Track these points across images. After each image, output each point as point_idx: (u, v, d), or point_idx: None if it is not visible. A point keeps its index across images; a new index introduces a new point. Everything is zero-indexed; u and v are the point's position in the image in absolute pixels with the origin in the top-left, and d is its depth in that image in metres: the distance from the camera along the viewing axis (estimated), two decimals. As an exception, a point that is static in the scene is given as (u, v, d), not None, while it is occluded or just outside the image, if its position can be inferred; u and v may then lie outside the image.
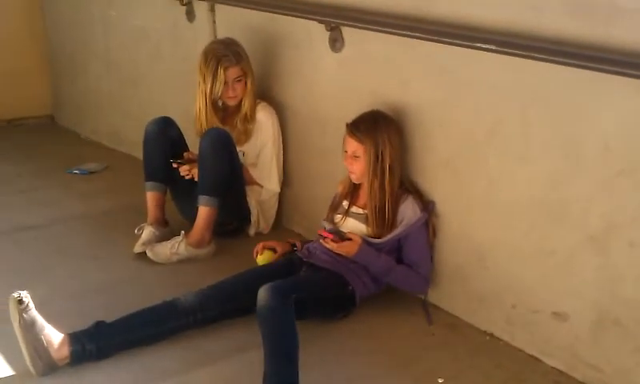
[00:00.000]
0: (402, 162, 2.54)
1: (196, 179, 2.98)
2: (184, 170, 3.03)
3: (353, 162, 2.50)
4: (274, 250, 2.74)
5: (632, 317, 2.03)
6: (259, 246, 2.75)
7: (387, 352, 2.32)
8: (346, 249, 2.40)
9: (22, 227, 3.23)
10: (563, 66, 2.00)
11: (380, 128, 2.46)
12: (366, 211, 2.55)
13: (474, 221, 2.45)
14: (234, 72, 3.01)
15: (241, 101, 3.10)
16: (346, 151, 2.52)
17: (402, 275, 2.49)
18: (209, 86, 3.01)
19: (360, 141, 2.45)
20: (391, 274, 2.47)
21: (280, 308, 2.09)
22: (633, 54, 1.84)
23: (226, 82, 3.01)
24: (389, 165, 2.46)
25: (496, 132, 2.31)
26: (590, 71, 1.94)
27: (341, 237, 2.45)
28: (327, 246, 2.42)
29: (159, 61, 4.09)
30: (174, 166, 3.04)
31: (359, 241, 2.41)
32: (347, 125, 2.50)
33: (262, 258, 2.70)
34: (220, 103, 3.17)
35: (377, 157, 2.44)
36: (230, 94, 3.05)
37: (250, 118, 3.12)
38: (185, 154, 3.14)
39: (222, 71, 2.98)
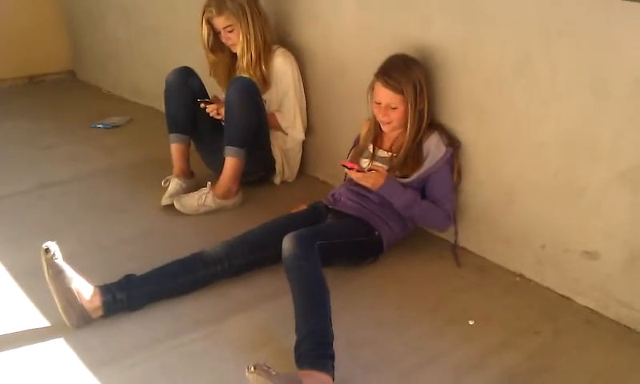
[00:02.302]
0: (430, 104, 2.49)
1: (223, 119, 2.97)
2: (211, 109, 3.01)
3: (389, 112, 2.44)
4: None
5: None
6: None
7: (417, 295, 2.32)
8: (372, 180, 2.36)
9: (48, 183, 3.26)
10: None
11: (413, 73, 2.40)
12: (391, 154, 2.52)
13: (500, 161, 2.41)
14: (219, 22, 2.98)
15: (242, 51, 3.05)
16: (378, 102, 2.45)
17: (425, 209, 2.46)
18: (200, 33, 3.06)
19: (397, 91, 2.38)
20: (415, 207, 2.43)
21: (305, 256, 2.08)
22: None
23: (217, 32, 3.02)
24: (426, 106, 2.43)
25: (522, 69, 2.25)
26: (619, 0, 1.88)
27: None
28: (352, 175, 2.36)
29: (177, 9, 4.03)
30: (202, 106, 3.02)
31: (385, 172, 2.38)
32: (378, 75, 2.43)
33: None
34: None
35: (415, 105, 2.40)
36: (227, 41, 3.05)
37: (266, 62, 3.06)
38: (212, 96, 3.14)
39: (204, 22, 3.01)
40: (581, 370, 1.94)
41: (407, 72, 2.39)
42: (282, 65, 3.10)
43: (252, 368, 1.68)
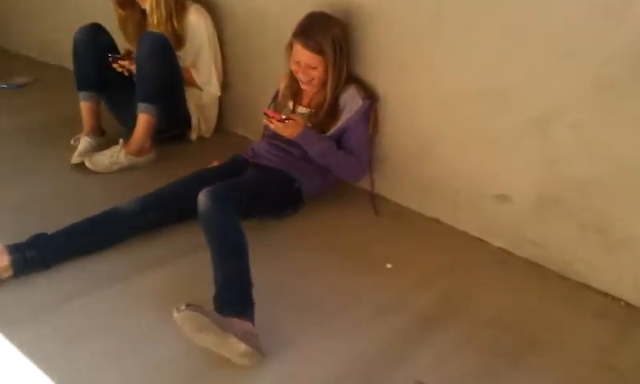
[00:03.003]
0: (349, 59, 2.48)
1: (133, 73, 2.88)
2: (120, 66, 2.92)
3: (309, 71, 2.41)
4: None
5: (572, 195, 2.09)
6: None
7: (336, 244, 2.34)
8: (290, 129, 2.33)
9: (-51, 145, 3.08)
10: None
11: (332, 32, 2.37)
12: (310, 109, 2.51)
13: (418, 112, 2.44)
14: None
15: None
16: (297, 62, 2.41)
17: (341, 159, 2.47)
18: None
19: (316, 51, 2.36)
20: (330, 156, 2.44)
21: (220, 209, 2.05)
22: None
23: None
24: (342, 66, 2.41)
25: (437, 21, 2.27)
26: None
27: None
28: (272, 125, 2.34)
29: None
30: (110, 60, 2.92)
31: (301, 122, 2.36)
32: (296, 35, 2.38)
33: None
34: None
35: (334, 64, 2.39)
36: None
37: (178, 18, 2.96)
38: (125, 50, 3.03)
39: None
40: (492, 306, 2.01)
41: (326, 31, 2.37)
42: (195, 21, 3.02)
43: (183, 306, 1.64)
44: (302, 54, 2.38)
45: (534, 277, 2.17)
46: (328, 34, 2.36)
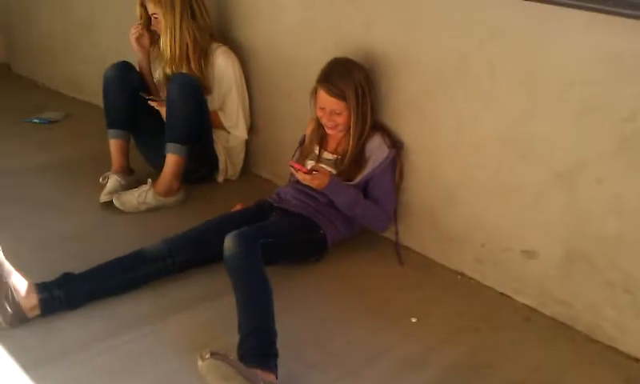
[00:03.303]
0: (373, 106, 2.51)
1: (164, 116, 2.92)
2: (155, 103, 2.96)
3: (334, 117, 2.45)
4: None
5: (599, 252, 2.07)
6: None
7: (360, 294, 2.33)
8: (318, 180, 2.34)
9: (-20, 180, 3.13)
10: (522, 0, 2.00)
11: (355, 78, 2.40)
12: (336, 156, 2.53)
13: (442, 161, 2.45)
14: (149, 7, 2.98)
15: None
16: (322, 108, 2.45)
17: (367, 209, 2.47)
18: None
19: (339, 97, 2.39)
20: (358, 206, 2.44)
21: (246, 255, 2.06)
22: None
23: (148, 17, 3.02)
24: (366, 112, 2.44)
25: (462, 71, 2.29)
26: (549, 5, 1.94)
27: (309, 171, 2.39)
28: (299, 177, 2.36)
29: (113, 4, 3.94)
30: (144, 96, 2.96)
31: (328, 173, 2.38)
32: (320, 81, 2.43)
33: None
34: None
35: (358, 109, 2.41)
36: (156, 29, 3.03)
37: (179, 63, 3.00)
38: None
39: (139, 3, 3.02)
40: (519, 366, 1.98)
41: (348, 77, 2.40)
42: (223, 63, 3.06)
43: (207, 355, 1.65)
44: (326, 100, 2.42)
45: (562, 337, 2.14)
46: (350, 80, 2.39)
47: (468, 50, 2.24)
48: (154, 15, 2.96)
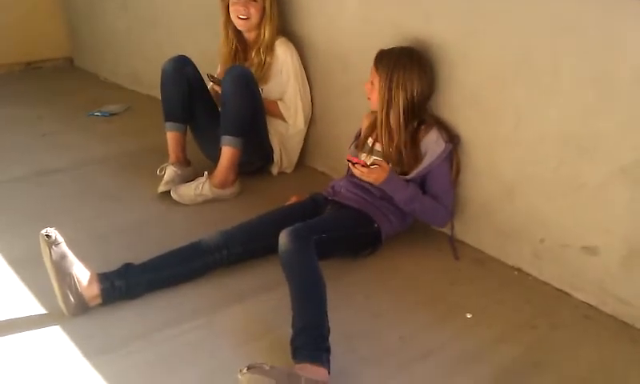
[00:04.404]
0: (425, 101, 2.48)
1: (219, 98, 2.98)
2: (213, 88, 3.01)
3: (370, 88, 2.50)
4: None
5: (664, 250, 2.00)
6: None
7: (414, 288, 2.31)
8: (375, 175, 2.33)
9: (44, 171, 3.24)
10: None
11: (400, 63, 2.40)
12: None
13: (501, 156, 2.41)
14: None
15: (258, 29, 3.05)
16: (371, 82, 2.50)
17: (426, 205, 2.45)
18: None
19: (376, 69, 2.45)
20: (416, 202, 2.43)
21: (300, 251, 2.07)
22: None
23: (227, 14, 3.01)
24: (405, 101, 2.41)
25: (524, 65, 2.24)
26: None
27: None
28: (357, 172, 2.33)
29: (174, 1, 4.02)
30: (210, 80, 3.02)
31: (387, 167, 2.37)
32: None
33: None
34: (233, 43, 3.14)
35: (388, 89, 2.41)
36: (242, 12, 3.00)
37: (269, 50, 3.05)
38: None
39: None
40: (578, 365, 1.94)
41: (395, 59, 2.42)
42: (283, 54, 3.09)
43: (245, 370, 1.67)
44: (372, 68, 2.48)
45: (622, 337, 2.08)
46: (397, 60, 2.42)
47: (532, 44, 2.19)
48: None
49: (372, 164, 2.34)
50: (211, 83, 3.06)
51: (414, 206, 2.44)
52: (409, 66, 2.41)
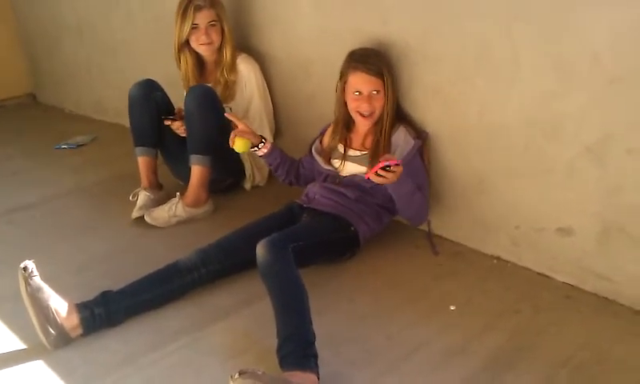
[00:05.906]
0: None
1: (181, 133, 2.95)
2: (176, 126, 2.98)
3: (372, 100, 2.41)
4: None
5: (636, 223, 2.03)
6: (232, 136, 2.61)
7: (397, 287, 2.32)
8: (393, 175, 2.18)
9: (17, 208, 3.19)
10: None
11: (386, 59, 2.45)
12: (363, 152, 2.51)
13: (469, 147, 2.43)
14: (206, 15, 2.94)
15: (219, 51, 3.04)
16: (358, 92, 2.41)
17: (421, 197, 2.40)
18: (178, 28, 2.96)
19: (379, 75, 2.39)
20: (415, 193, 2.36)
21: (278, 261, 2.05)
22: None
23: (198, 27, 2.95)
24: (395, 96, 2.45)
25: (483, 56, 2.26)
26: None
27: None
28: (376, 180, 2.17)
29: (131, 25, 4.00)
30: (166, 123, 2.99)
31: (400, 161, 2.23)
32: (354, 64, 2.41)
33: (238, 146, 2.61)
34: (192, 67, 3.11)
35: (394, 87, 2.43)
36: (204, 39, 2.96)
37: (231, 70, 3.05)
38: (177, 108, 3.10)
39: (191, 11, 2.92)
40: (564, 345, 1.95)
41: (381, 57, 2.44)
42: (245, 70, 3.08)
43: (236, 375, 1.65)
44: (364, 81, 2.39)
45: (605, 312, 2.10)
46: (383, 59, 2.43)
47: (490, 36, 2.22)
48: (213, 22, 2.96)
49: (386, 166, 2.18)
50: (169, 122, 3.01)
51: (415, 197, 2.38)
52: (388, 58, 2.44)
